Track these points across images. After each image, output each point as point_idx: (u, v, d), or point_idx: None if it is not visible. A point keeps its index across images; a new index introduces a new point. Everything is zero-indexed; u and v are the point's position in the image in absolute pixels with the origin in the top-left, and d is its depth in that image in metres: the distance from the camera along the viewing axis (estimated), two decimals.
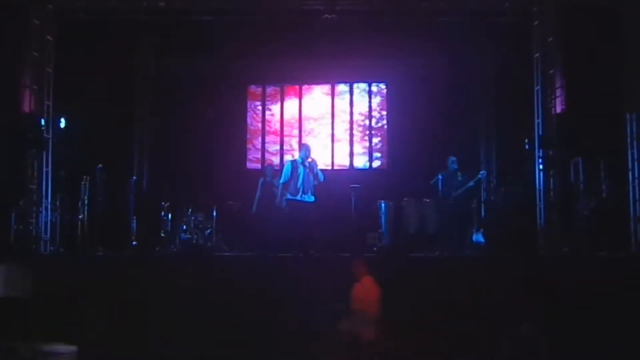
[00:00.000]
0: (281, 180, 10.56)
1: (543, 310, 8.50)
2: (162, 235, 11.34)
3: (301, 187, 10.45)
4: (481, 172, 11.65)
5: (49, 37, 11.07)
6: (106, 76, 12.45)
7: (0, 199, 10.72)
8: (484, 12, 11.38)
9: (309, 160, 10.60)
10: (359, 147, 14.54)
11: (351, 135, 14.59)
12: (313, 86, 14.68)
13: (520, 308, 8.48)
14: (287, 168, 10.67)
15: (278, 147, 14.59)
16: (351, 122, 14.61)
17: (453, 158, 11.38)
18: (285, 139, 14.61)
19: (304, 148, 10.85)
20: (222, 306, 8.82)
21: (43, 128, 10.91)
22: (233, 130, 14.41)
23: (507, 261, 9.74)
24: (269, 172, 11.81)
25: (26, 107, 10.87)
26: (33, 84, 10.91)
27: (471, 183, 11.24)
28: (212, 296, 8.89)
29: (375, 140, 14.58)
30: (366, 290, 8.01)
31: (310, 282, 8.90)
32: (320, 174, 10.59)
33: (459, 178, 11.25)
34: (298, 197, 10.44)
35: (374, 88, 14.70)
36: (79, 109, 11.88)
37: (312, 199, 10.53)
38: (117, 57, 12.64)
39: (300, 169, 10.50)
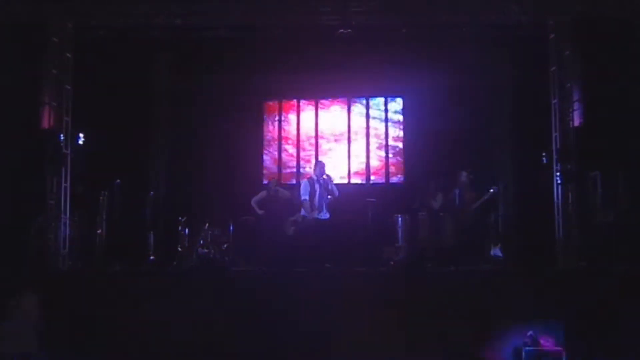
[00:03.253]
0: (303, 197, 10.71)
1: (563, 323, 8.49)
2: (179, 249, 11.40)
3: (317, 205, 10.64)
4: (493, 188, 11.61)
5: (67, 54, 11.23)
6: (124, 92, 12.59)
7: (20, 214, 10.86)
8: (500, 26, 11.40)
9: (324, 177, 10.79)
10: (376, 162, 14.58)
11: (367, 150, 14.64)
12: (329, 101, 14.78)
13: (539, 322, 8.48)
14: (305, 185, 10.87)
15: (294, 162, 14.70)
16: (367, 136, 14.67)
17: (465, 172, 11.45)
18: (302, 154, 14.71)
19: (318, 166, 11.07)
20: (240, 320, 8.87)
21: (62, 144, 11.06)
22: (249, 146, 14.51)
23: (525, 275, 9.72)
24: (272, 186, 12.01)
25: (45, 123, 10.98)
26: (52, 100, 11.05)
27: (486, 197, 11.28)
28: (230, 310, 8.94)
29: (391, 154, 14.62)
30: None
31: (326, 296, 8.95)
32: (334, 189, 10.76)
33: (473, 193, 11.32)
34: (315, 215, 10.60)
35: (390, 103, 14.77)
36: (97, 125, 12.02)
37: (327, 215, 10.71)
38: (134, 74, 12.80)
39: (316, 186, 10.70)
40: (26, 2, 10.66)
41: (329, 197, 10.83)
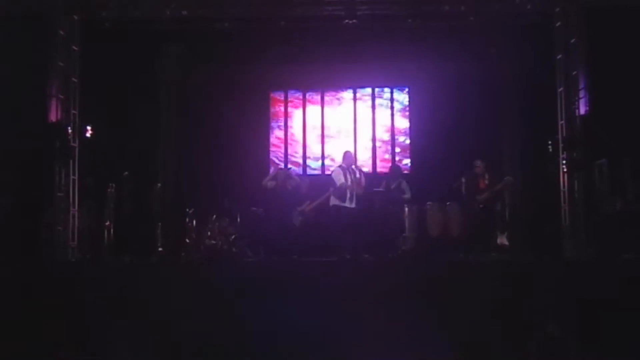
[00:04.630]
0: (340, 183, 10.70)
1: (569, 312, 8.46)
2: (187, 241, 11.40)
3: (348, 194, 10.64)
4: (506, 178, 11.53)
5: (74, 47, 11.21)
6: (131, 84, 12.57)
7: (28, 207, 10.88)
8: (506, 14, 11.33)
9: (352, 167, 10.80)
10: (381, 153, 14.55)
11: (374, 140, 14.60)
12: (335, 93, 14.76)
13: (547, 310, 8.44)
14: (337, 173, 10.93)
15: (300, 153, 14.70)
16: (374, 127, 14.63)
17: (478, 161, 11.37)
18: (308, 144, 14.70)
19: (346, 156, 11.06)
20: (247, 311, 8.86)
21: (70, 137, 11.05)
22: (256, 137, 14.49)
23: (532, 264, 9.68)
24: (280, 176, 11.93)
25: (53, 116, 11.00)
26: (59, 93, 11.06)
27: (499, 186, 11.21)
28: (237, 301, 8.93)
29: (398, 144, 14.60)
30: None
31: (333, 286, 8.94)
32: (363, 179, 10.81)
33: (486, 181, 11.24)
34: (346, 204, 10.61)
35: (396, 93, 14.72)
36: (104, 117, 12.01)
37: (354, 205, 10.69)
38: (141, 66, 12.77)
39: (348, 175, 10.71)
40: None
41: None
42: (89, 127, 11.50)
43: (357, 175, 10.87)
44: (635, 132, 10.86)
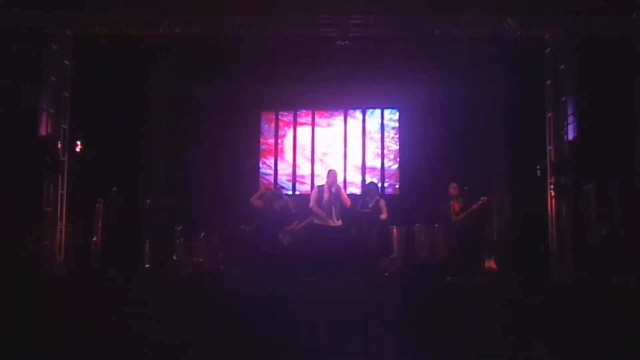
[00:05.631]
0: (311, 204, 10.69)
1: (556, 335, 8.43)
2: (175, 258, 11.33)
3: (326, 213, 10.64)
4: (482, 198, 11.58)
5: (66, 62, 11.18)
6: (122, 100, 12.53)
7: (16, 221, 10.77)
8: (497, 40, 11.40)
9: (335, 186, 10.80)
10: (371, 173, 14.54)
11: (363, 161, 14.62)
12: (327, 113, 14.78)
13: (534, 333, 8.42)
14: (313, 193, 11.06)
15: (290, 172, 14.68)
16: (364, 148, 14.65)
17: (454, 184, 11.46)
18: (298, 164, 14.70)
19: (330, 174, 11.06)
20: (235, 330, 8.78)
21: (59, 151, 10.99)
22: (246, 155, 14.49)
23: (519, 287, 9.67)
24: (267, 196, 11.93)
25: (43, 130, 10.94)
26: (50, 107, 11.00)
27: (473, 207, 11.26)
28: (225, 319, 8.85)
29: (387, 165, 14.61)
30: None
31: (319, 307, 8.87)
32: (345, 199, 10.80)
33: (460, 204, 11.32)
34: (328, 222, 10.62)
35: (386, 114, 14.76)
36: (95, 132, 11.95)
37: (338, 223, 10.71)
38: (133, 81, 12.73)
39: (325, 194, 10.71)
40: (26, 9, 10.59)
41: (340, 207, 10.86)
42: (78, 142, 11.42)
43: (340, 197, 10.88)
44: (622, 157, 10.92)
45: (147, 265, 11.28)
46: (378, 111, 14.80)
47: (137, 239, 11.47)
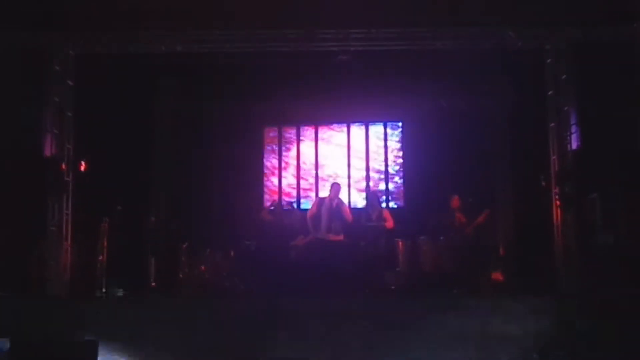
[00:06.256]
0: (307, 214, 10.73)
1: (564, 347, 8.38)
2: (181, 276, 11.30)
3: (324, 226, 10.64)
4: (486, 210, 11.56)
5: (69, 81, 11.20)
6: (126, 118, 12.55)
7: (21, 241, 10.77)
8: (498, 51, 11.40)
9: (336, 200, 10.77)
10: (375, 186, 14.51)
11: (367, 175, 14.59)
12: (329, 128, 14.79)
13: (541, 345, 8.36)
14: (313, 205, 11.22)
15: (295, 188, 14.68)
16: (367, 161, 14.63)
17: (455, 196, 11.48)
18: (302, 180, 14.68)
19: (333, 188, 11.08)
20: (240, 347, 8.75)
21: (63, 171, 11.00)
22: (250, 172, 14.48)
23: (525, 299, 9.61)
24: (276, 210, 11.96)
25: (47, 151, 10.95)
26: (54, 128, 11.02)
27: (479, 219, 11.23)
28: (231, 337, 8.82)
29: (391, 179, 14.58)
30: None
31: (325, 323, 8.82)
32: (345, 214, 10.77)
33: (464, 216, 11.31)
34: (321, 236, 10.59)
35: (389, 128, 14.75)
36: (99, 152, 11.97)
37: (339, 237, 10.69)
38: (136, 100, 12.77)
39: (323, 207, 10.70)
40: (28, 30, 10.63)
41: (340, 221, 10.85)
42: (83, 162, 11.43)
43: (340, 211, 10.87)
44: (626, 166, 10.87)
45: (152, 284, 11.24)
46: (381, 125, 14.74)
47: (142, 257, 11.44)
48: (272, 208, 12.06)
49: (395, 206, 14.35)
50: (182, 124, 14.10)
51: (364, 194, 14.27)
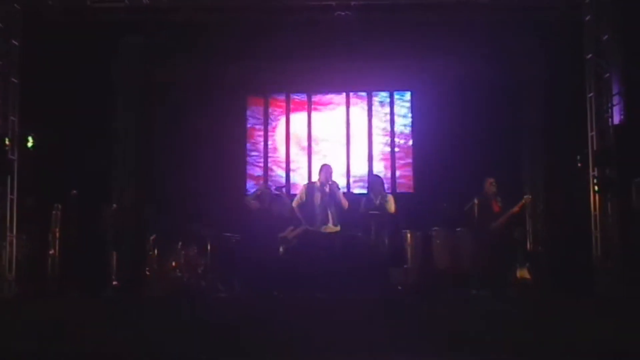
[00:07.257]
0: (293, 203, 10.70)
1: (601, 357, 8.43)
2: (148, 273, 11.34)
3: (319, 216, 10.63)
4: (525, 197, 11.62)
5: (14, 41, 11.15)
6: (82, 86, 12.51)
7: None
8: (528, 7, 11.37)
9: (329, 183, 10.76)
10: (380, 167, 14.53)
11: (370, 154, 14.59)
12: (325, 96, 14.77)
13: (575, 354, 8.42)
14: (300, 192, 11.11)
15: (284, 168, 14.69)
16: (370, 138, 14.63)
17: (491, 179, 11.42)
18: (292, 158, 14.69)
19: (324, 170, 11.00)
20: (217, 355, 8.79)
21: (8, 148, 10.96)
22: (230, 150, 14.46)
23: (558, 301, 9.66)
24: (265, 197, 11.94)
25: None
26: None
27: (515, 209, 11.25)
28: (206, 344, 8.86)
29: (398, 159, 14.59)
30: None
31: (318, 329, 8.86)
32: (342, 199, 10.76)
33: (499, 204, 11.30)
34: (315, 228, 10.59)
35: (396, 98, 14.74)
36: (50, 125, 11.95)
37: (336, 228, 10.67)
38: (94, 64, 12.71)
39: (317, 194, 10.68)
40: None
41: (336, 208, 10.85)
42: (30, 137, 11.41)
43: (336, 196, 10.86)
44: None
45: (114, 282, 11.28)
46: (386, 94, 14.73)
47: (103, 251, 11.46)
48: (258, 193, 12.06)
49: (403, 192, 14.37)
50: (149, 93, 14.07)
51: (365, 177, 14.29)
